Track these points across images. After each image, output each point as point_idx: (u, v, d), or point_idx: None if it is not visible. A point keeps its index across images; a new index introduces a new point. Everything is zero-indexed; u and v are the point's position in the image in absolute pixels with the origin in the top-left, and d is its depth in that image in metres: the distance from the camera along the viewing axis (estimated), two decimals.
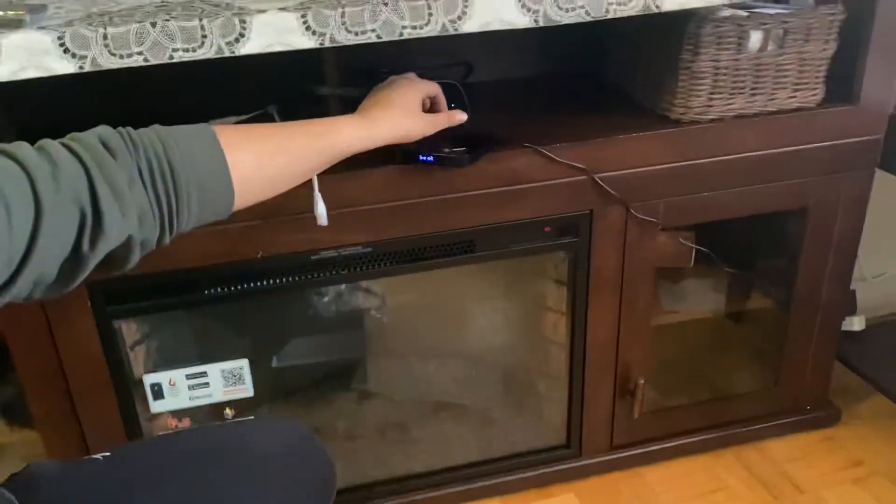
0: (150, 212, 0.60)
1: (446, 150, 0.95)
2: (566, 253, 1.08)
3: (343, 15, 0.81)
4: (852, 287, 1.42)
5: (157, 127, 0.64)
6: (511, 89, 1.26)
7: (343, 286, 1.21)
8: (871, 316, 1.45)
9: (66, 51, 0.76)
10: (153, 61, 0.78)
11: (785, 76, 1.03)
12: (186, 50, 0.79)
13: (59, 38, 0.75)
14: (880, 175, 1.14)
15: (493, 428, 1.25)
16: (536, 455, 1.23)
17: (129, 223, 0.58)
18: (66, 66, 0.76)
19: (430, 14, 0.83)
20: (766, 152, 1.06)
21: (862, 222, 1.16)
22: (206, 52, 0.79)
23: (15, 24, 0.76)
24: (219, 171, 0.66)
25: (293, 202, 0.91)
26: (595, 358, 1.15)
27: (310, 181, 0.90)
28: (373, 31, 0.82)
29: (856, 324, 1.40)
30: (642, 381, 1.17)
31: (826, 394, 1.31)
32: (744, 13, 0.99)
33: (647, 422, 1.23)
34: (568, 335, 1.15)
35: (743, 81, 1.02)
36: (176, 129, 0.65)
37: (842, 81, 1.07)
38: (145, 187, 0.60)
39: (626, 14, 0.88)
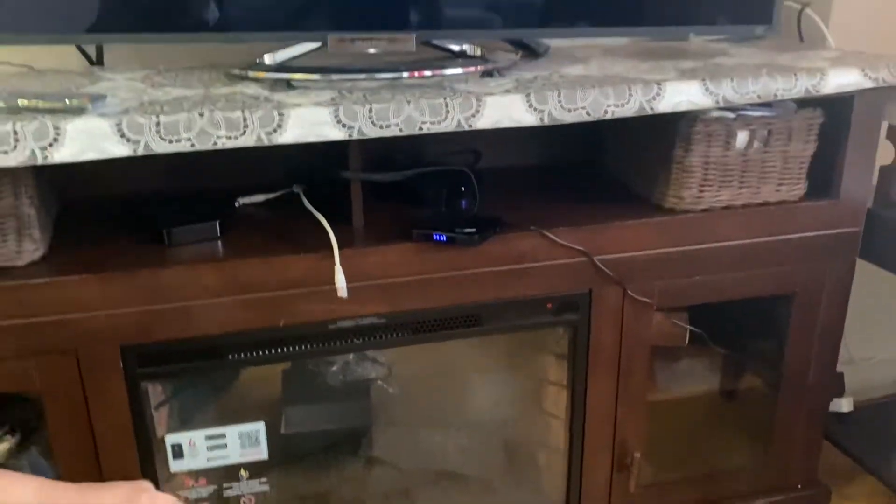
0: None
1: (458, 230, 1.04)
2: (567, 329, 1.15)
3: (370, 111, 0.91)
4: (840, 370, 1.48)
5: None
6: (517, 176, 1.35)
7: (352, 356, 1.28)
8: (860, 398, 1.50)
9: (122, 136, 0.85)
10: (199, 147, 0.87)
11: (770, 172, 1.12)
12: (229, 137, 0.88)
13: (118, 125, 0.85)
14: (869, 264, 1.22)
15: (494, 497, 1.29)
16: None
17: None
18: (122, 150, 0.85)
19: (448, 112, 0.93)
20: (753, 241, 1.14)
21: (845, 309, 1.23)
22: (247, 141, 0.88)
23: (78, 112, 0.86)
24: None
25: (316, 275, 0.99)
26: (593, 432, 1.20)
27: (332, 255, 0.98)
28: (396, 125, 0.92)
29: (844, 405, 1.45)
30: (638, 456, 1.22)
31: (815, 473, 1.35)
32: (731, 115, 1.09)
33: (643, 496, 1.27)
34: (568, 409, 1.20)
35: (731, 176, 1.11)
36: None
37: (823, 177, 1.16)
38: None
39: (623, 115, 0.97)
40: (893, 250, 1.19)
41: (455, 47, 1.14)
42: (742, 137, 1.09)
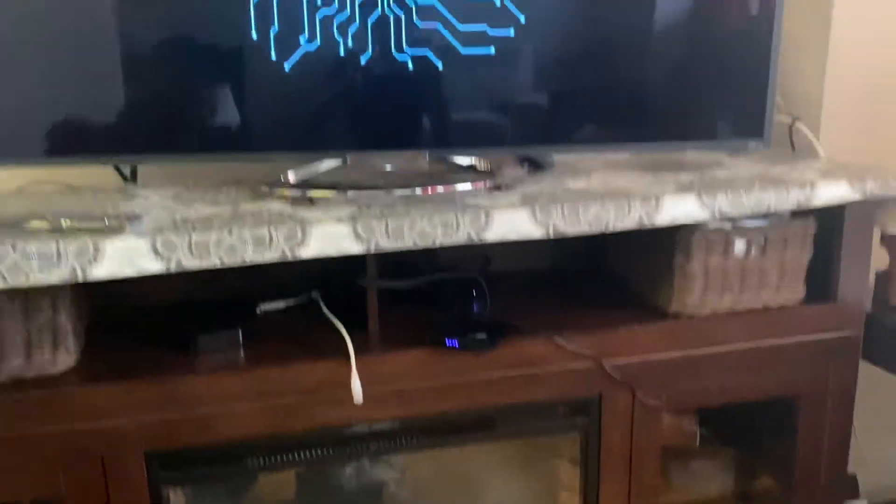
0: None
1: (470, 335, 1.08)
2: (578, 432, 1.18)
3: (387, 226, 0.97)
4: (853, 471, 1.48)
5: None
6: (526, 280, 1.40)
7: (366, 461, 1.30)
8: (876, 500, 1.50)
9: (156, 254, 0.91)
10: (227, 263, 0.93)
11: (768, 278, 1.17)
12: (256, 253, 0.94)
13: (153, 244, 0.91)
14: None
15: None
16: None
17: None
18: (156, 267, 0.91)
19: (459, 226, 0.99)
20: (756, 344, 1.18)
21: (851, 410, 1.25)
22: (272, 256, 0.94)
23: (116, 231, 0.93)
24: None
25: (332, 381, 1.03)
26: None
27: (349, 362, 1.03)
28: (411, 238, 0.98)
29: None
30: None
31: None
32: (728, 225, 1.15)
33: None
34: None
35: (731, 282, 1.16)
36: None
37: (820, 282, 1.21)
38: None
39: (623, 228, 1.03)
40: (893, 353, 1.22)
41: (464, 162, 1.21)
42: (740, 246, 1.15)
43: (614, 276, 1.37)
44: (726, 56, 1.19)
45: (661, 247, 1.17)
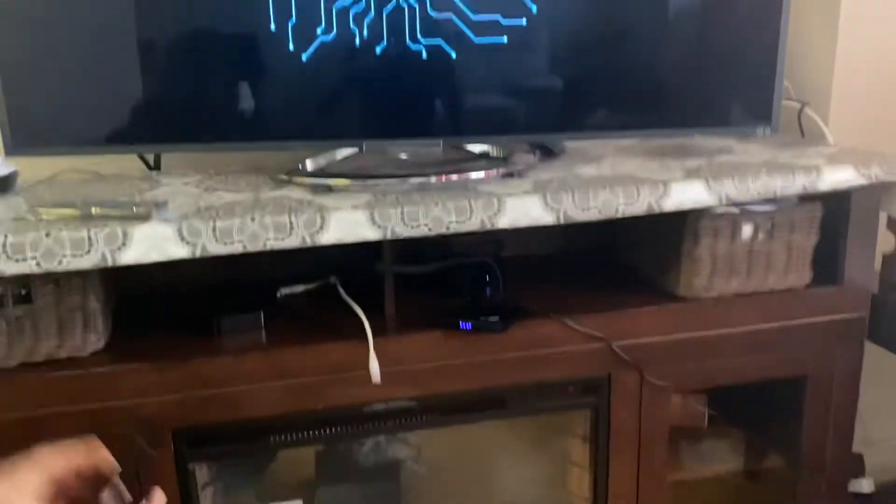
0: None
1: (482, 318, 1.12)
2: (588, 411, 1.21)
3: (402, 213, 1.00)
4: (859, 451, 1.51)
5: None
6: (537, 264, 1.43)
7: (383, 438, 1.34)
8: (882, 479, 1.52)
9: (182, 239, 0.95)
10: (250, 249, 0.97)
11: (775, 262, 1.20)
12: (277, 239, 0.98)
13: (179, 230, 0.95)
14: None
15: None
16: None
17: None
18: (182, 252, 0.95)
19: (472, 212, 1.03)
20: (763, 326, 1.21)
21: (857, 390, 1.28)
22: (292, 242, 0.98)
23: (144, 218, 0.97)
24: None
25: (351, 361, 1.07)
26: None
27: (366, 343, 1.06)
28: (426, 225, 1.01)
29: (865, 486, 1.47)
30: None
31: None
32: (735, 209, 1.17)
33: None
34: (591, 490, 1.25)
35: (739, 266, 1.18)
36: None
37: (827, 265, 1.23)
38: None
39: (632, 213, 1.06)
40: None
41: (478, 150, 1.24)
42: (747, 231, 1.17)
43: (624, 260, 1.40)
44: (735, 42, 1.20)
45: (670, 232, 1.20)
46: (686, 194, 1.08)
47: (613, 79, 1.20)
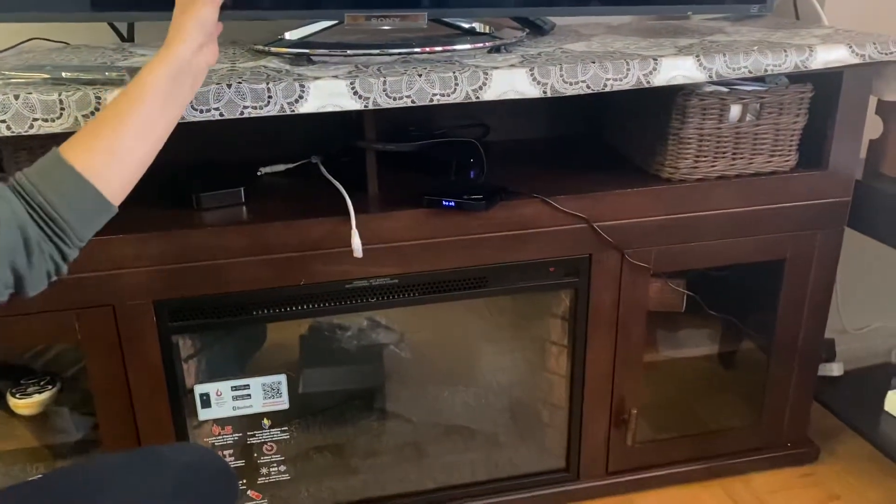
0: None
1: (466, 196, 1.11)
2: (568, 291, 1.23)
3: (384, 83, 0.98)
4: (832, 336, 1.55)
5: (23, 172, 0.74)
6: (522, 149, 1.41)
7: (365, 323, 1.36)
8: (852, 367, 1.57)
9: None
10: (227, 116, 0.95)
11: (762, 144, 1.19)
12: (255, 108, 0.95)
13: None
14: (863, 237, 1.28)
15: (499, 451, 1.37)
16: (538, 477, 1.35)
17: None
18: None
19: (457, 84, 1.00)
20: (745, 209, 1.21)
21: (834, 276, 1.30)
22: (270, 110, 0.96)
23: (118, 83, 0.93)
24: (80, 186, 0.75)
25: (333, 237, 1.07)
26: (592, 389, 1.28)
27: (349, 220, 1.06)
28: (408, 97, 0.99)
29: (835, 370, 1.52)
30: (635, 412, 1.29)
31: (805, 433, 1.43)
32: (725, 89, 1.15)
33: (641, 451, 1.35)
34: (568, 367, 1.28)
35: (725, 147, 1.17)
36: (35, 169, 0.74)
37: (813, 149, 1.22)
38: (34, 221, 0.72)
39: (621, 88, 1.04)
40: (881, 220, 1.25)
41: (465, 24, 1.20)
42: (735, 111, 1.15)
43: (609, 144, 1.38)
44: None
45: (658, 112, 1.18)
46: (676, 70, 1.05)
47: None
